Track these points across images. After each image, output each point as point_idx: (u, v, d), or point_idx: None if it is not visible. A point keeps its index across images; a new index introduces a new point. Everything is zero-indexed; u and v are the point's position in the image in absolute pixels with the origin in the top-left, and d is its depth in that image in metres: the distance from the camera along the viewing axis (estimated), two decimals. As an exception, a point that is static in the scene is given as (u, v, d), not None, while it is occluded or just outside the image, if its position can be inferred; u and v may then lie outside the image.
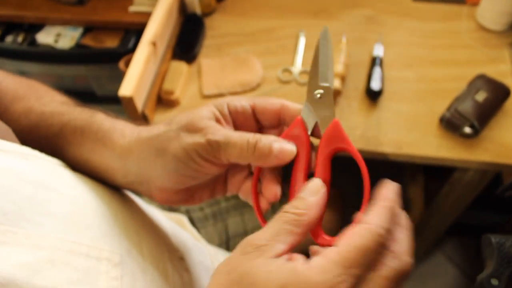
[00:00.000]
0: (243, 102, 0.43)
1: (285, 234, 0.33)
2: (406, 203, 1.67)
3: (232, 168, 0.46)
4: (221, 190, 0.47)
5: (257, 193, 0.43)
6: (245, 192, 0.45)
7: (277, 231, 0.33)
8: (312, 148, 0.42)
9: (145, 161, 0.42)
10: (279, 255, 0.32)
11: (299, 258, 0.32)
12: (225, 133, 0.39)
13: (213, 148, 0.39)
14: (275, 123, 0.44)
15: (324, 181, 0.39)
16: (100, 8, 1.18)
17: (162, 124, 0.43)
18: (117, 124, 0.46)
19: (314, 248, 0.35)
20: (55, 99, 0.53)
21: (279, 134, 0.42)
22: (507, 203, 1.45)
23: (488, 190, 1.05)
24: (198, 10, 1.10)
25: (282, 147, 0.39)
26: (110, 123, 0.46)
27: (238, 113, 0.43)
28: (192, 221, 0.89)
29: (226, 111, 0.42)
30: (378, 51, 1.00)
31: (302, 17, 1.12)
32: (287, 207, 0.35)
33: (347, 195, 1.08)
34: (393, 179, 0.37)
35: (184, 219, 0.83)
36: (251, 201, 0.43)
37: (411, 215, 1.56)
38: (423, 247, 1.46)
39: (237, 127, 0.44)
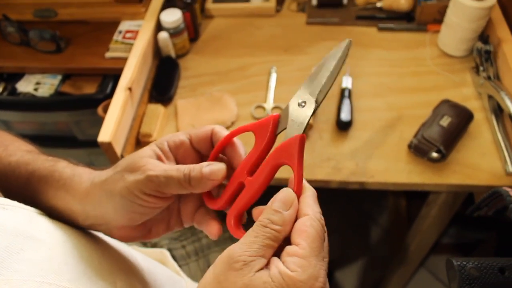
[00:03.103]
0: (180, 136, 0.46)
1: (267, 248, 0.37)
2: (391, 225, 1.70)
3: (184, 200, 0.49)
4: (176, 223, 0.50)
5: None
6: (199, 221, 0.48)
7: (260, 247, 0.37)
8: (270, 146, 0.44)
9: (99, 204, 0.45)
10: (264, 267, 0.37)
11: (278, 262, 0.37)
12: (163, 168, 0.43)
13: (154, 183, 0.42)
14: (211, 148, 0.48)
15: (261, 186, 0.42)
16: (78, 56, 1.21)
17: (111, 168, 0.46)
18: (77, 171, 0.49)
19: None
20: (21, 148, 0.55)
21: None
22: (488, 220, 1.48)
23: (466, 209, 1.08)
24: (172, 53, 1.14)
25: (212, 168, 0.43)
26: (71, 170, 0.49)
27: (177, 147, 0.46)
28: (175, 259, 0.92)
29: (166, 147, 0.46)
30: (347, 83, 1.04)
31: (273, 53, 1.17)
32: (265, 220, 0.38)
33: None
34: (376, 203, 0.42)
35: (166, 253, 0.86)
36: (205, 230, 0.47)
37: (395, 236, 1.59)
38: (410, 267, 1.48)
39: (179, 160, 0.47)
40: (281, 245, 0.39)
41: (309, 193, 0.41)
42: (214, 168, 0.43)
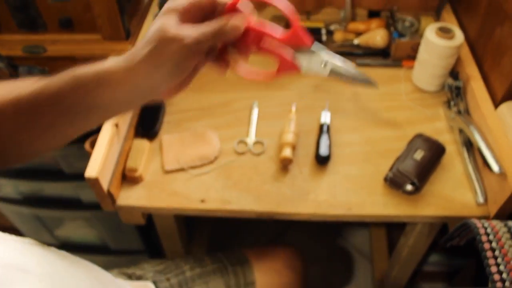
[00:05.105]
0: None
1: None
2: (372, 253, 1.73)
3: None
4: (190, 79, 0.65)
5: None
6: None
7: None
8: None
9: (149, 75, 0.54)
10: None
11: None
12: (198, 29, 0.54)
13: (202, 42, 0.54)
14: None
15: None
16: (65, 91, 1.24)
17: (138, 46, 0.54)
18: (99, 66, 0.54)
19: None
20: (28, 81, 0.57)
21: None
22: (470, 248, 1.52)
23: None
24: (157, 89, 1.18)
25: (237, 20, 0.57)
26: (93, 68, 0.54)
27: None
28: (160, 292, 0.94)
29: (183, 9, 0.55)
30: (325, 118, 1.08)
31: (255, 89, 1.21)
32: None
33: (306, 254, 1.13)
34: (358, 232, 0.45)
35: (151, 286, 0.89)
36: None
37: (377, 265, 1.61)
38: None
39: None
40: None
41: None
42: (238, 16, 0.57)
